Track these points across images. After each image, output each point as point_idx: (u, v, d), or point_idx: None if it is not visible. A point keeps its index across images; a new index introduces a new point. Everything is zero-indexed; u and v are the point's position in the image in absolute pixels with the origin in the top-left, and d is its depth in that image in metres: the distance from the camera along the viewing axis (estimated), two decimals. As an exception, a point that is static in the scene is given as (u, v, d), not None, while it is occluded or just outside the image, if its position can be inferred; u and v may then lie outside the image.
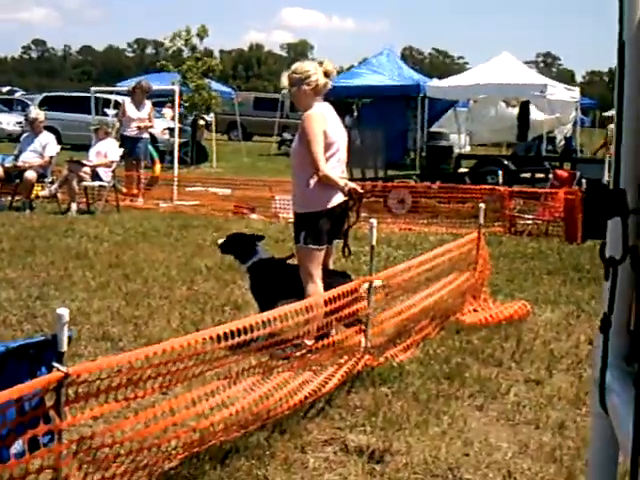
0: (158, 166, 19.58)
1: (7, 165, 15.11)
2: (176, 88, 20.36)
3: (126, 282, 9.10)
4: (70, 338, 3.35)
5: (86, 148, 17.36)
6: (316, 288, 6.54)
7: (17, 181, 14.81)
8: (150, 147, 19.09)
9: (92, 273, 9.47)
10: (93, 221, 13.73)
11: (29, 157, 14.95)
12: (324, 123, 6.52)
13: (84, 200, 15.11)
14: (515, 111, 25.58)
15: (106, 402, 3.67)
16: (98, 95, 25.96)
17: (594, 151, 28.47)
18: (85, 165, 15.05)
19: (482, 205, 8.09)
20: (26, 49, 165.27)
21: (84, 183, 14.92)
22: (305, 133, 6.52)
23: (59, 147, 15.97)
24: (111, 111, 29.44)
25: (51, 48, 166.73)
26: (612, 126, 20.50)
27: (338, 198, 6.60)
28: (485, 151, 25.42)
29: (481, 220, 8.07)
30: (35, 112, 16.19)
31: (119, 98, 31.61)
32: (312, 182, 6.55)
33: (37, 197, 15.42)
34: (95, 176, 15.04)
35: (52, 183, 15.38)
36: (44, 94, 36.01)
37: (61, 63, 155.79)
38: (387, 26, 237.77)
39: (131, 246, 11.43)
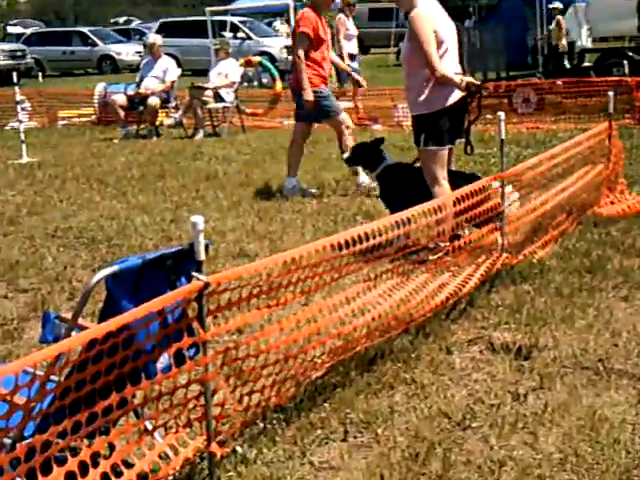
0: (279, 84, 19.49)
1: (130, 93, 15.23)
2: (290, 2, 20.09)
3: (258, 199, 9.16)
4: (207, 247, 3.26)
5: (205, 72, 17.37)
6: (443, 190, 6.40)
7: (141, 108, 14.96)
8: (270, 65, 19.02)
9: (223, 193, 9.55)
10: (220, 143, 13.82)
11: (151, 83, 15.02)
12: (432, 21, 6.31)
13: (209, 123, 15.21)
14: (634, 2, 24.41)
15: (248, 311, 3.63)
16: (214, 18, 25.75)
17: None
18: (207, 88, 15.08)
19: (611, 93, 7.69)
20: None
21: (208, 106, 14.98)
22: (415, 34, 6.32)
23: (180, 71, 16.01)
24: (227, 33, 29.41)
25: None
26: None
27: (456, 95, 6.44)
28: (607, 45, 24.42)
29: (611, 109, 7.70)
30: (152, 37, 16.29)
31: (234, 19, 31.64)
32: (427, 83, 6.38)
33: (161, 124, 15.58)
34: (217, 97, 15.05)
35: (176, 109, 15.51)
36: (160, 21, 36.17)
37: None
38: None
39: (259, 165, 11.48)
